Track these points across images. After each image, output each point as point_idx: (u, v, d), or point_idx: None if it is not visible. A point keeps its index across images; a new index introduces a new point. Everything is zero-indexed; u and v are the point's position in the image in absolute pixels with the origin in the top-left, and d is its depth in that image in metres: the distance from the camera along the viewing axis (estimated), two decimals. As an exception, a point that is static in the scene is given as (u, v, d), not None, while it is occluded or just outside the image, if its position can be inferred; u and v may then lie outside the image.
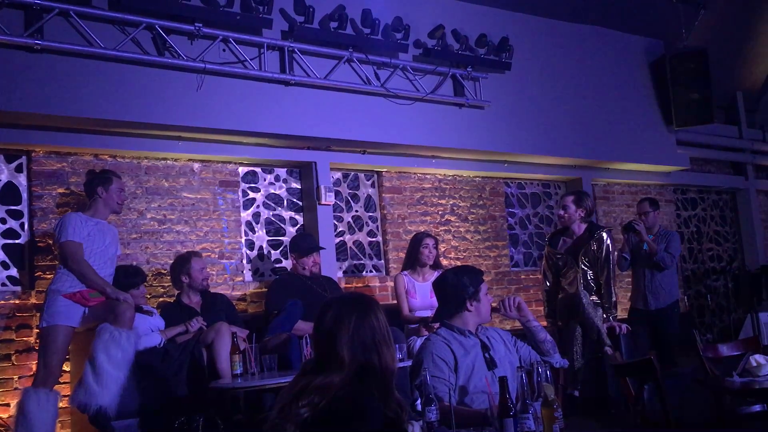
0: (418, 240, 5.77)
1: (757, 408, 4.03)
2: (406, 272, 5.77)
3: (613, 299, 5.36)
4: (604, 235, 5.34)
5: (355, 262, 6.70)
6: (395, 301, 5.98)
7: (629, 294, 6.67)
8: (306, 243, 5.62)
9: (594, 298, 5.34)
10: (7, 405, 4.81)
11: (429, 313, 5.41)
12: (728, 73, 9.34)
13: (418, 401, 2.84)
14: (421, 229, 6.76)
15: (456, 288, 3.28)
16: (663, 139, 8.48)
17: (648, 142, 8.28)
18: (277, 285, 5.46)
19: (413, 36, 6.46)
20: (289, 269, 5.92)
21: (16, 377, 4.91)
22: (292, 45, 5.86)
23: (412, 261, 5.77)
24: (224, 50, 5.61)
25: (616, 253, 5.37)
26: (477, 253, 7.31)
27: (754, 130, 10.00)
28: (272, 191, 6.36)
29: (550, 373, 2.81)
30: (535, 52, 7.42)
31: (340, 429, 2.03)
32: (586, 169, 8.05)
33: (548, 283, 5.60)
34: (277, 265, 6.28)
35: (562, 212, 5.51)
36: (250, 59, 5.69)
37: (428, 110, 6.59)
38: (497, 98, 7.01)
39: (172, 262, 5.31)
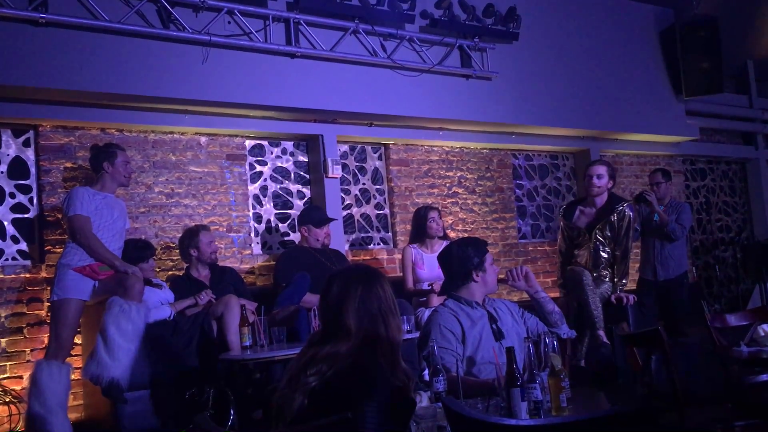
0: (423, 214, 5.78)
1: (765, 377, 4.04)
2: (414, 245, 5.78)
3: (626, 273, 5.35)
4: (627, 209, 5.29)
5: (362, 234, 6.72)
6: (402, 274, 6.01)
7: (638, 265, 6.66)
8: (319, 215, 5.66)
9: (603, 272, 5.32)
10: (20, 377, 4.87)
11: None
12: (739, 41, 9.22)
13: (426, 372, 2.87)
14: (429, 201, 6.75)
15: (461, 260, 3.30)
16: (672, 109, 8.40)
17: (657, 112, 8.21)
18: (285, 258, 5.49)
19: (420, 6, 6.39)
20: (297, 242, 5.94)
21: (28, 350, 4.96)
22: (297, 16, 5.82)
23: (420, 234, 5.78)
24: (229, 22, 5.58)
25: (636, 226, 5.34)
26: (484, 225, 7.31)
27: (764, 99, 9.90)
28: (279, 164, 6.35)
29: (557, 343, 2.82)
30: (543, 21, 7.33)
31: (349, 397, 2.05)
32: (595, 140, 8.01)
33: (562, 256, 5.55)
34: (285, 238, 6.30)
35: (596, 180, 5.30)
36: (256, 31, 5.66)
37: (435, 82, 6.55)
38: (505, 69, 6.95)
39: (180, 235, 5.33)
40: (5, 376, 4.86)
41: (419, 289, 5.63)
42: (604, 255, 5.32)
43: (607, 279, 5.36)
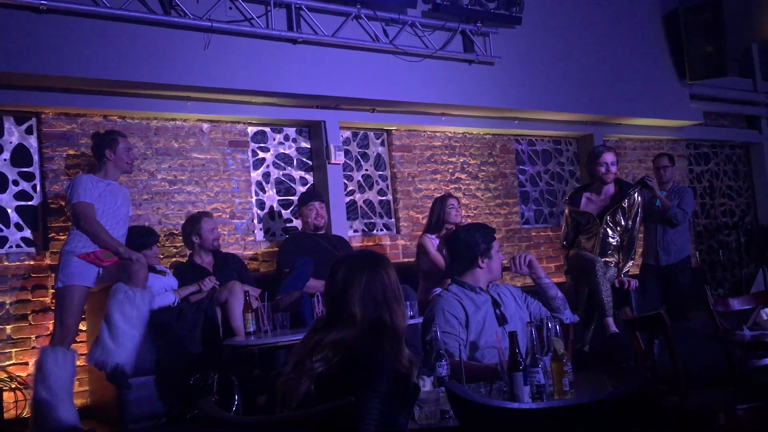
0: (442, 202, 5.67)
1: (767, 361, 4.05)
2: (432, 235, 5.66)
3: (632, 258, 5.35)
4: (636, 195, 5.31)
5: (365, 220, 6.72)
6: (405, 260, 6.02)
7: (641, 250, 6.66)
8: (306, 195, 5.66)
9: (610, 258, 5.30)
10: (26, 364, 4.90)
11: None
12: (743, 24, 9.17)
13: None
14: (431, 187, 6.76)
15: (468, 245, 3.29)
16: (676, 93, 8.37)
17: (660, 96, 8.18)
18: (289, 244, 5.49)
19: (422, -9, 6.38)
20: (300, 228, 5.95)
21: (33, 337, 5.00)
22: (299, 2, 5.80)
23: (439, 224, 5.63)
24: (230, 8, 5.56)
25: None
26: (487, 211, 7.31)
27: (768, 83, 9.87)
28: (282, 151, 6.35)
29: (559, 328, 2.83)
30: (545, 5, 7.29)
31: (355, 383, 2.05)
32: (598, 124, 7.98)
33: (567, 242, 5.48)
34: (288, 225, 6.30)
35: (612, 168, 5.29)
36: (257, 17, 5.64)
37: (437, 67, 6.53)
38: (507, 54, 6.92)
39: (183, 222, 5.34)
40: (11, 362, 4.89)
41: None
42: (613, 241, 5.29)
43: (613, 264, 5.34)
